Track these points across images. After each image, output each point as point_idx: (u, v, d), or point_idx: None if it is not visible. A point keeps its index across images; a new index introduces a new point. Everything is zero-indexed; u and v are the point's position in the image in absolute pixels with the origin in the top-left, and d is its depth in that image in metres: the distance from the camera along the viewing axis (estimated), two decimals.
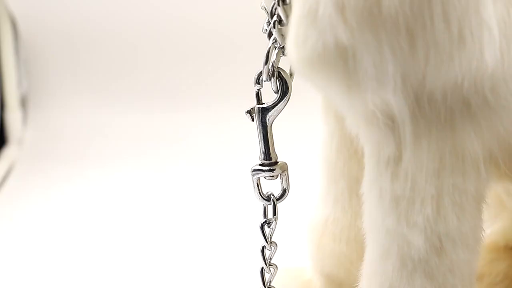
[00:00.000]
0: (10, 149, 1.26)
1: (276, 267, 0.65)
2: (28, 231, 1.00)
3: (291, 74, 0.60)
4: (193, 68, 1.27)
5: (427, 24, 0.47)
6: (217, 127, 1.22)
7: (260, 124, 0.61)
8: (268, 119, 0.61)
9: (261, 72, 0.60)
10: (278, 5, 0.55)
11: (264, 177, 0.62)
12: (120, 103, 1.28)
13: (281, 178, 0.63)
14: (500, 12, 0.48)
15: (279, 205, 0.63)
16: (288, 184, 0.63)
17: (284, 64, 0.59)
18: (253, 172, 0.62)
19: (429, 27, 0.47)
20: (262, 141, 0.62)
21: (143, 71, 1.28)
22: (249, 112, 0.62)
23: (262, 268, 0.65)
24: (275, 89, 0.60)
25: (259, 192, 0.63)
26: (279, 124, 0.65)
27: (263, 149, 0.62)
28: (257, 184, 0.63)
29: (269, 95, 0.61)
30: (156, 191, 1.10)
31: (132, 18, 1.26)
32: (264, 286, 0.65)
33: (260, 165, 0.62)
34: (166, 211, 1.04)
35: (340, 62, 0.49)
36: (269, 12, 0.57)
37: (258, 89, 0.61)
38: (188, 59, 1.27)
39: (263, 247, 0.64)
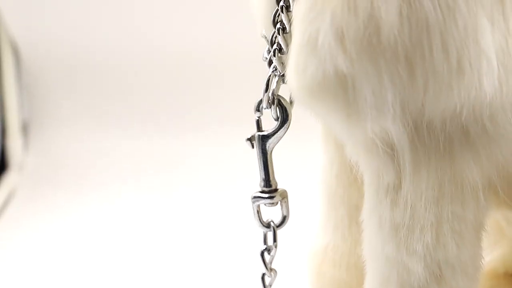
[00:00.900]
0: (11, 175, 1.26)
1: None
2: (30, 257, 0.99)
3: (291, 102, 0.60)
4: (194, 94, 1.27)
5: (426, 53, 0.47)
6: (217, 152, 1.23)
7: (261, 151, 0.62)
8: (268, 146, 0.61)
9: (261, 100, 0.60)
10: (278, 33, 0.56)
11: (264, 204, 0.62)
12: (121, 129, 1.28)
13: (281, 205, 0.63)
14: (499, 42, 0.48)
15: (279, 232, 0.63)
16: (288, 211, 0.63)
17: (284, 92, 0.59)
18: (253, 199, 0.62)
19: (428, 57, 0.47)
20: (262, 168, 0.62)
21: (143, 97, 1.29)
22: (250, 139, 0.62)
23: None
24: (275, 116, 0.61)
25: (259, 219, 0.63)
26: (279, 151, 0.65)
27: (263, 176, 0.62)
28: (257, 211, 0.63)
29: (269, 122, 0.61)
30: (158, 216, 1.10)
31: (132, 44, 1.27)
32: None
33: (260, 192, 0.62)
34: (168, 236, 1.04)
35: (340, 90, 0.49)
36: (269, 40, 0.57)
37: (258, 117, 0.61)
38: (189, 85, 1.27)
39: (263, 274, 0.64)
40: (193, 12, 1.23)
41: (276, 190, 0.62)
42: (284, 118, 0.60)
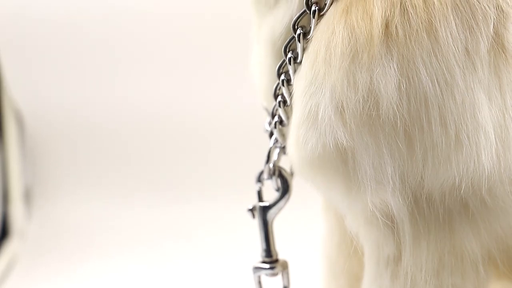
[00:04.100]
0: (13, 242, 1.26)
1: None
2: None
3: (292, 173, 0.61)
4: (195, 164, 1.28)
5: (425, 127, 0.48)
6: (218, 223, 1.22)
7: (262, 222, 0.62)
8: (269, 217, 0.62)
9: (262, 171, 0.61)
10: (279, 106, 0.56)
11: (265, 275, 0.63)
12: (123, 197, 1.28)
13: (282, 276, 0.63)
14: (496, 116, 0.49)
15: None
16: (289, 281, 0.63)
17: (285, 163, 0.60)
18: (255, 270, 0.63)
19: (426, 131, 0.48)
20: (263, 238, 0.62)
21: (146, 166, 1.29)
22: (251, 210, 0.62)
23: None
24: (276, 187, 0.61)
25: None
26: (280, 220, 0.65)
27: (264, 247, 0.62)
28: (259, 282, 0.63)
29: (270, 192, 0.62)
30: (160, 285, 1.09)
31: (134, 113, 1.28)
32: None
33: (261, 262, 0.63)
34: None
35: (340, 163, 0.50)
36: (270, 113, 0.58)
37: (259, 188, 0.62)
38: (191, 155, 1.28)
39: None
40: (195, 81, 1.24)
41: (277, 260, 0.63)
42: (285, 189, 0.61)
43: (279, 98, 0.56)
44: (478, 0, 0.48)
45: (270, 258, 0.62)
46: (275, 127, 0.58)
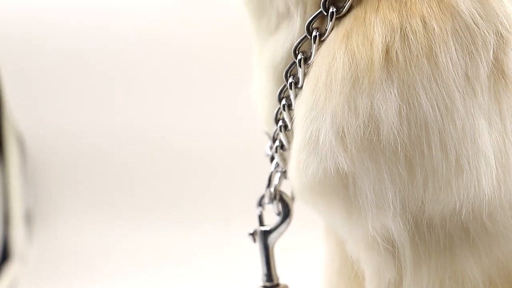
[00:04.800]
0: (13, 266, 1.26)
1: None
2: None
3: (292, 197, 0.61)
4: (196, 188, 1.28)
5: (425, 152, 0.48)
6: (219, 246, 1.22)
7: (263, 246, 0.62)
8: (270, 241, 0.62)
9: (263, 195, 0.61)
10: (280, 131, 0.57)
11: None
12: (124, 221, 1.28)
13: None
14: (496, 142, 0.49)
15: None
16: None
17: (286, 187, 0.60)
18: None
19: (427, 156, 0.48)
20: (264, 263, 0.62)
21: (147, 189, 1.29)
22: (252, 234, 0.62)
23: None
24: (277, 212, 0.61)
25: None
26: (281, 245, 0.65)
27: (265, 271, 0.62)
28: None
29: (271, 216, 0.62)
30: None
31: (135, 137, 1.28)
32: None
33: (262, 287, 0.62)
34: None
35: (341, 188, 0.50)
36: (271, 137, 0.58)
37: (260, 212, 0.62)
38: (192, 179, 1.28)
39: None
40: (197, 105, 1.24)
41: (278, 285, 0.62)
42: (286, 214, 0.61)
43: (280, 123, 0.56)
44: (478, 26, 0.48)
45: (271, 282, 0.62)
46: (276, 151, 0.58)
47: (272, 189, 0.61)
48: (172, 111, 1.25)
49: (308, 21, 0.52)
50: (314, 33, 0.52)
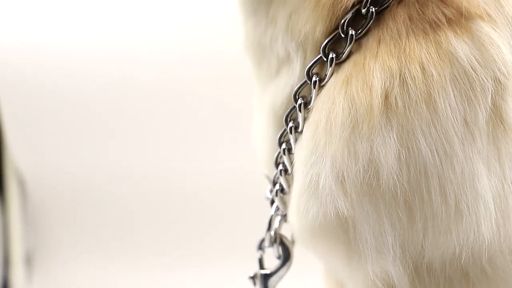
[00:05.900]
0: None
1: None
2: None
3: (293, 241, 0.61)
4: (197, 230, 1.27)
5: (425, 197, 0.48)
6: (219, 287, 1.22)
7: None
8: (271, 284, 0.62)
9: (263, 239, 0.61)
10: (281, 175, 0.57)
11: None
12: (124, 263, 1.28)
13: None
14: (495, 187, 0.49)
15: None
16: None
17: (286, 231, 0.60)
18: None
19: (426, 200, 0.48)
20: None
21: (148, 231, 1.29)
22: (253, 277, 0.62)
23: None
24: (277, 255, 0.61)
25: None
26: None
27: None
28: None
29: (271, 260, 0.62)
30: None
31: (135, 179, 1.28)
32: None
33: None
34: None
35: (341, 232, 0.50)
36: (271, 180, 0.58)
37: (260, 255, 0.62)
38: (193, 221, 1.27)
39: None
40: (197, 148, 1.25)
41: None
42: (286, 257, 0.61)
43: (280, 167, 0.57)
44: (476, 72, 0.48)
45: None
46: (276, 195, 0.59)
47: (272, 233, 0.61)
48: (173, 154, 1.26)
49: (308, 66, 0.52)
50: (314, 78, 0.52)
